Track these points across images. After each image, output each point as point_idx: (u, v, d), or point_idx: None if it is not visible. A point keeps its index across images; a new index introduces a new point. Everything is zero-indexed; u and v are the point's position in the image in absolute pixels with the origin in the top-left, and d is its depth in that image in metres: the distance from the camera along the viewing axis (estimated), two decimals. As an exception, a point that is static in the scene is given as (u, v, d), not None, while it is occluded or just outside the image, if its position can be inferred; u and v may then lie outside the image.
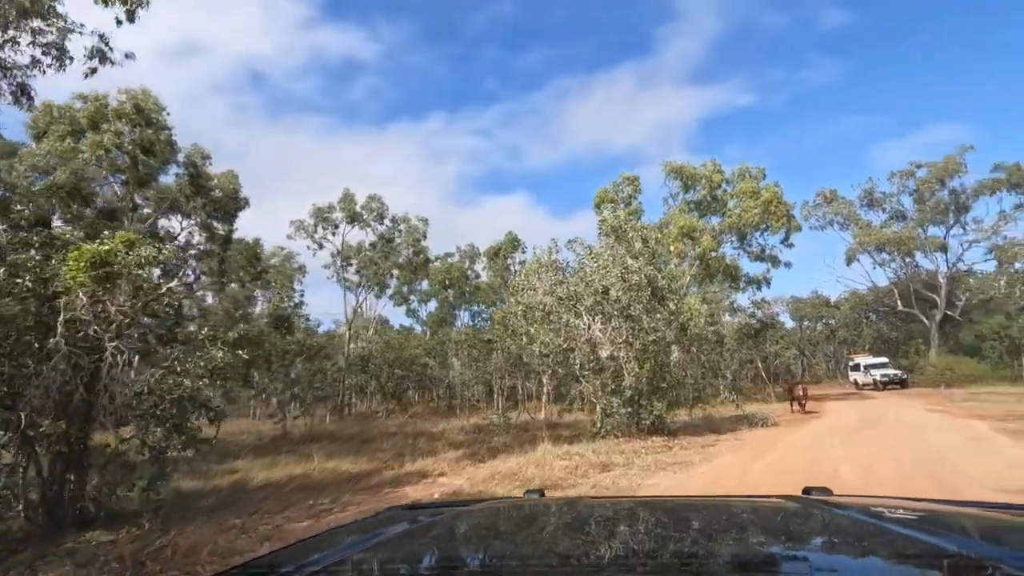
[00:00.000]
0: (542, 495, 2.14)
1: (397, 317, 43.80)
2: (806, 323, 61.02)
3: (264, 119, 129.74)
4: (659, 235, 16.07)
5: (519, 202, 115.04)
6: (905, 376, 37.52)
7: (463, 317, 41.89)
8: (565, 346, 13.98)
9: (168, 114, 19.08)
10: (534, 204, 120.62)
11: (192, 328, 16.90)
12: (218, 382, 17.39)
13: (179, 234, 23.14)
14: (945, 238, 37.16)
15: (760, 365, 31.59)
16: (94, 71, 11.44)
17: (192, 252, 23.39)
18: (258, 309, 23.92)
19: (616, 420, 14.17)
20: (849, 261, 39.26)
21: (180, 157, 21.23)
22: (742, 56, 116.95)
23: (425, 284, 39.95)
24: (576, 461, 11.24)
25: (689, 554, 1.20)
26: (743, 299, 34.20)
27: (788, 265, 27.82)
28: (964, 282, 40.50)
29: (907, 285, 41.12)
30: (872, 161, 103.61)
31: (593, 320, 13.62)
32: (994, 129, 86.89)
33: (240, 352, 8.95)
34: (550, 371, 15.47)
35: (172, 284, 8.26)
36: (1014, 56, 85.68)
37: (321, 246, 28.87)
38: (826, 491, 1.79)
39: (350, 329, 29.65)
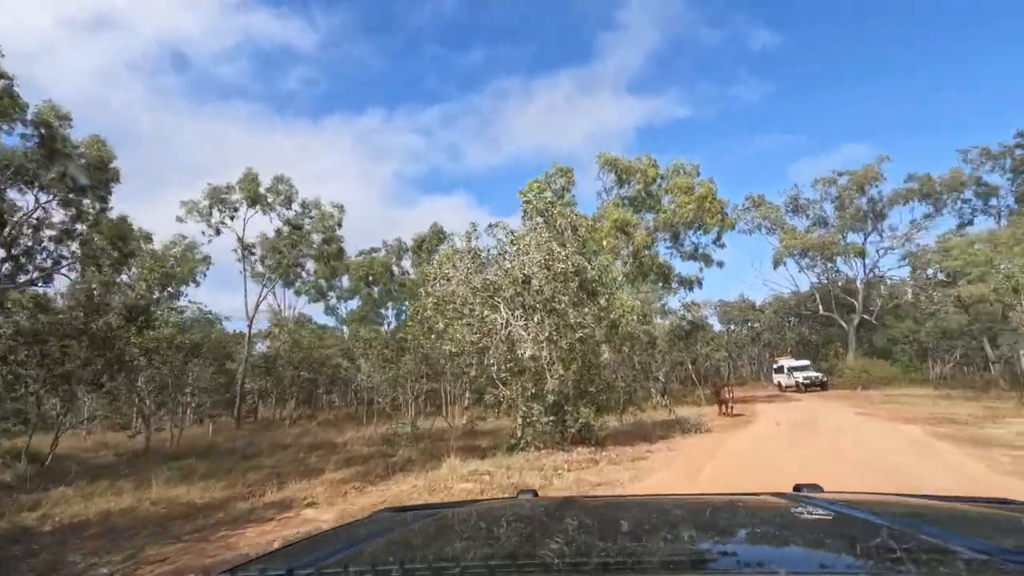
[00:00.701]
0: (535, 495, 2.11)
1: (325, 316, 40.63)
2: (732, 326, 62.39)
3: (188, 104, 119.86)
4: (589, 222, 14.39)
5: (460, 203, 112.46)
6: (825, 378, 38.29)
7: (390, 316, 39.17)
8: (480, 344, 11.93)
9: (2, 56, 15.43)
10: (475, 205, 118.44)
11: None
12: (61, 387, 14.14)
13: (33, 211, 19.28)
14: (864, 244, 38.46)
15: (691, 367, 30.90)
16: None
17: (51, 233, 19.63)
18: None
19: (538, 429, 12.27)
20: (776, 264, 39.94)
21: (29, 116, 17.51)
22: (678, 70, 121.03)
23: (347, 280, 36.99)
24: (483, 483, 9.24)
25: (681, 552, 1.20)
26: (674, 301, 33.64)
27: (720, 264, 27.29)
28: (878, 288, 42.07)
29: (828, 290, 42.25)
30: (794, 178, 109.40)
31: (512, 314, 11.65)
32: (902, 151, 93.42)
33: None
34: (464, 373, 13.38)
35: None
36: (919, 77, 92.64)
37: (218, 232, 25.42)
38: (817, 487, 1.83)
39: (251, 326, 26.30)
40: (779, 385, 41.74)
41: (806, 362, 41.39)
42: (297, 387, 25.20)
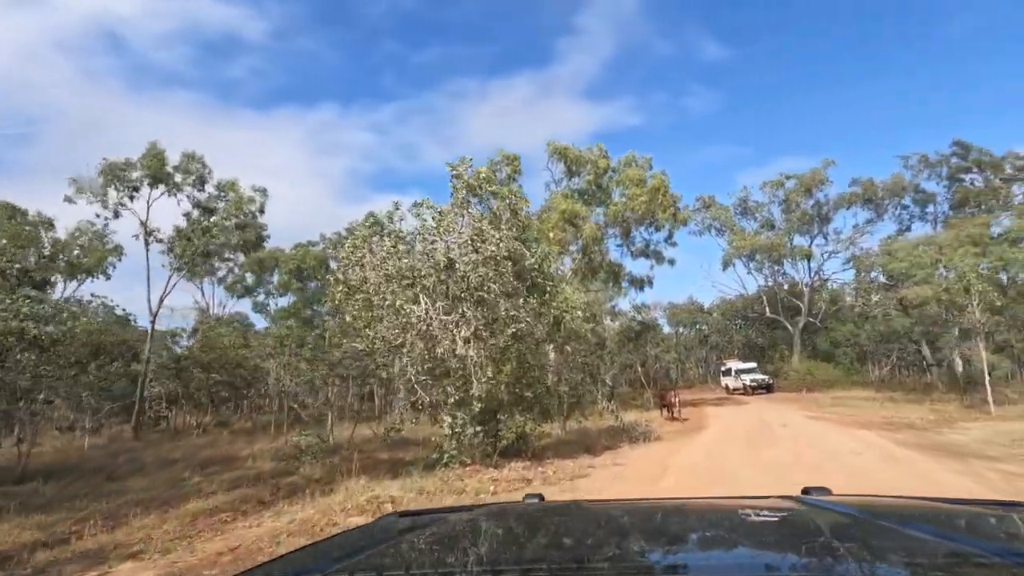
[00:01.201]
0: (542, 499, 2.04)
1: (255, 313, 37.17)
2: (681, 329, 62.45)
3: (124, 89, 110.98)
4: (528, 204, 12.68)
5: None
6: (771, 381, 38.15)
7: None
8: (396, 341, 9.95)
9: None
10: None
11: None
12: None
13: None
14: (810, 247, 38.60)
15: (640, 369, 29.78)
16: None
17: None
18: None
19: (464, 441, 10.40)
20: (725, 266, 39.66)
21: None
22: (632, 78, 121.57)
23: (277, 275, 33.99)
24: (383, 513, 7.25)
25: (690, 556, 1.19)
26: (625, 303, 32.59)
27: (672, 262, 26.23)
28: (823, 291, 42.49)
29: (775, 293, 42.36)
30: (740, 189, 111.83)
31: (433, 305, 9.71)
32: (846, 163, 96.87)
33: None
34: (375, 375, 11.37)
35: None
36: (862, 89, 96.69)
37: (117, 214, 22.23)
38: (825, 490, 1.80)
39: (154, 322, 23.23)
40: (726, 387, 41.46)
41: (753, 364, 41.27)
42: (207, 391, 22.31)
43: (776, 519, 1.59)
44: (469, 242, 9.84)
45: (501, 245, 10.15)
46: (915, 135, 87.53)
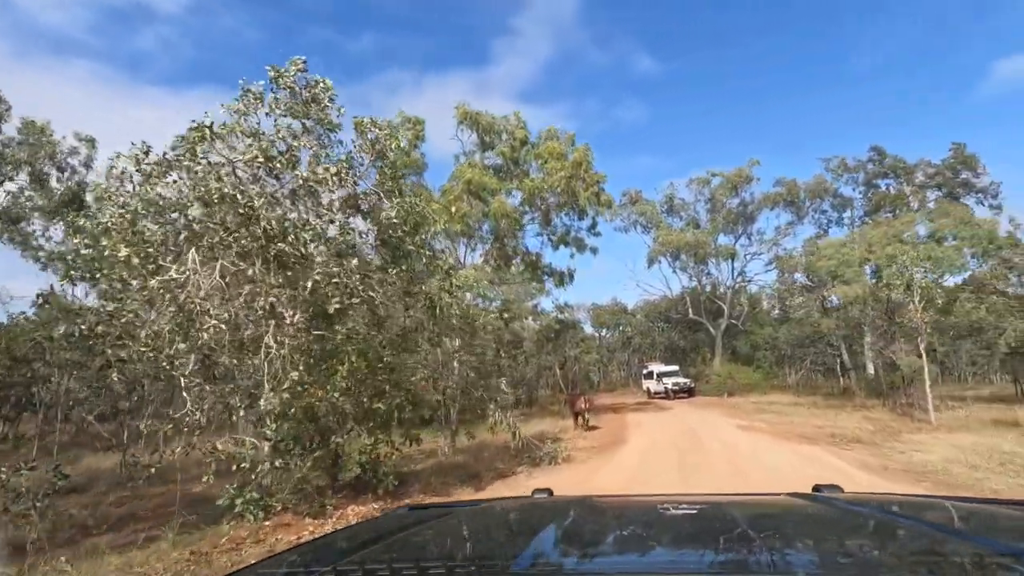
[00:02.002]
0: (550, 494, 2.07)
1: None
2: (605, 331, 61.00)
3: (8, 55, 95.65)
4: (396, 141, 9.16)
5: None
6: (693, 385, 36.73)
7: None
8: (129, 312, 6.07)
9: None
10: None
11: None
12: None
13: None
14: (734, 246, 37.60)
15: (559, 371, 26.93)
16: None
17: None
18: None
19: (263, 475, 6.68)
20: (650, 263, 37.88)
21: None
22: (567, 84, 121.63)
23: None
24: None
25: (703, 553, 1.18)
26: (547, 303, 29.75)
27: (595, 251, 23.49)
28: (745, 292, 41.82)
29: (698, 294, 41.19)
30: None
31: (198, 260, 5.90)
32: (769, 172, 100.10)
33: None
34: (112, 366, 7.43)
35: None
36: (788, 102, 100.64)
37: None
38: (837, 488, 1.79)
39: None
40: (648, 391, 39.78)
41: (675, 367, 39.81)
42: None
43: (790, 516, 1.56)
44: (263, 161, 6.14)
45: (329, 173, 6.51)
46: (839, 145, 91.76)
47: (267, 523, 6.78)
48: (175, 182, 6.48)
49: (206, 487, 7.82)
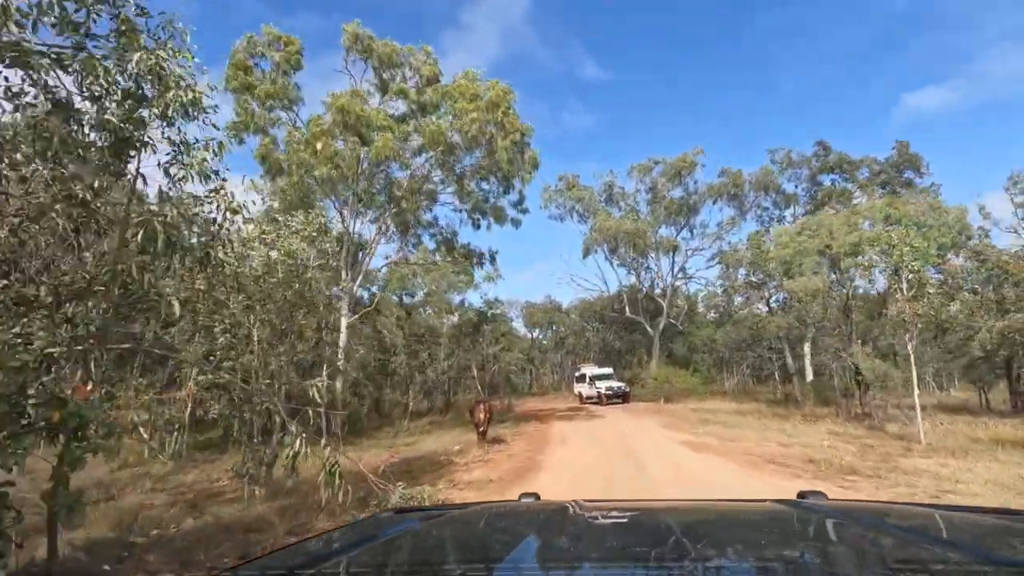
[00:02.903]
0: (537, 499, 2.04)
1: None
2: (538, 331, 57.48)
3: None
4: None
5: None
6: (627, 389, 33.60)
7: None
8: None
9: None
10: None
11: None
12: None
13: None
14: (676, 238, 34.66)
15: (476, 373, 22.72)
16: None
17: None
18: None
19: None
20: (586, 253, 34.46)
21: None
22: (514, 84, 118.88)
23: None
24: None
25: (688, 559, 1.18)
26: (475, 297, 25.60)
27: (516, 223, 19.42)
28: (684, 288, 39.30)
29: (636, 292, 38.19)
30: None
31: None
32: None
33: None
34: None
35: None
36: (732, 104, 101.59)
37: None
38: (821, 495, 1.80)
39: None
40: (580, 396, 36.39)
41: (608, 370, 36.62)
42: None
43: (774, 522, 1.56)
44: None
45: None
46: (788, 142, 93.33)
47: None
48: None
49: None
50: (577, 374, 38.46)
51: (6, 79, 4.42)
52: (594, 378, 34.85)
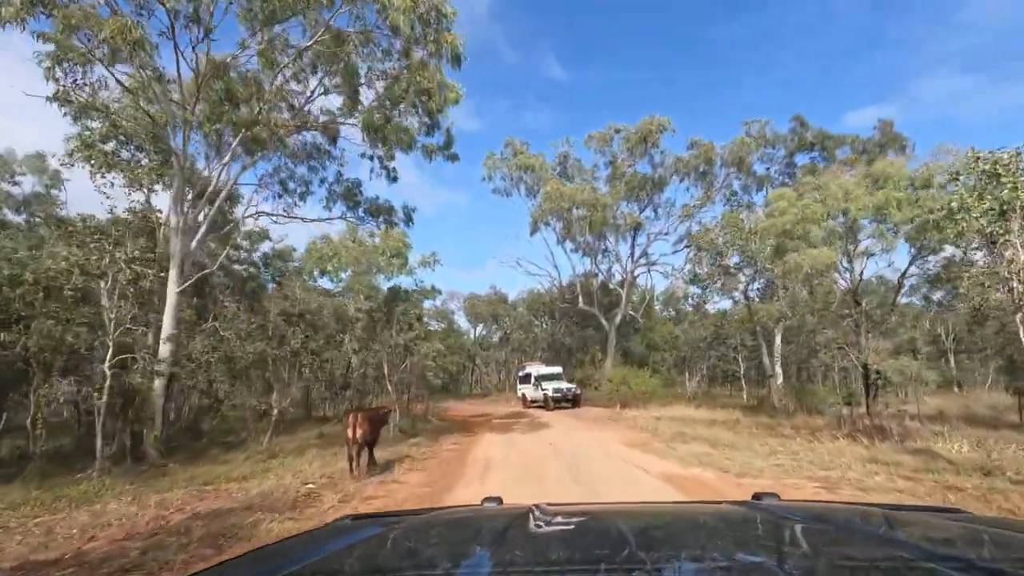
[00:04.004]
0: (500, 502, 2.10)
1: None
2: (481, 326, 52.38)
3: None
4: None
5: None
6: (578, 392, 29.07)
7: None
8: None
9: None
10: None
11: None
12: None
13: None
14: (639, 215, 30.17)
15: (387, 369, 17.41)
16: None
17: None
18: None
19: None
20: (534, 229, 29.59)
21: None
22: (475, 80, 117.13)
23: None
24: None
25: (645, 560, 1.20)
26: (409, 281, 20.25)
27: (453, 158, 14.28)
28: (640, 283, 35.06)
29: (592, 279, 33.59)
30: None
31: None
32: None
33: None
34: None
35: None
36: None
37: None
38: (774, 496, 1.87)
39: None
40: (523, 398, 31.64)
41: (557, 369, 32.01)
42: None
43: (730, 523, 1.62)
44: None
45: None
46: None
47: None
48: None
49: None
50: (521, 374, 33.68)
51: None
52: (541, 378, 30.14)
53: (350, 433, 9.97)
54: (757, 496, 1.86)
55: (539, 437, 16.23)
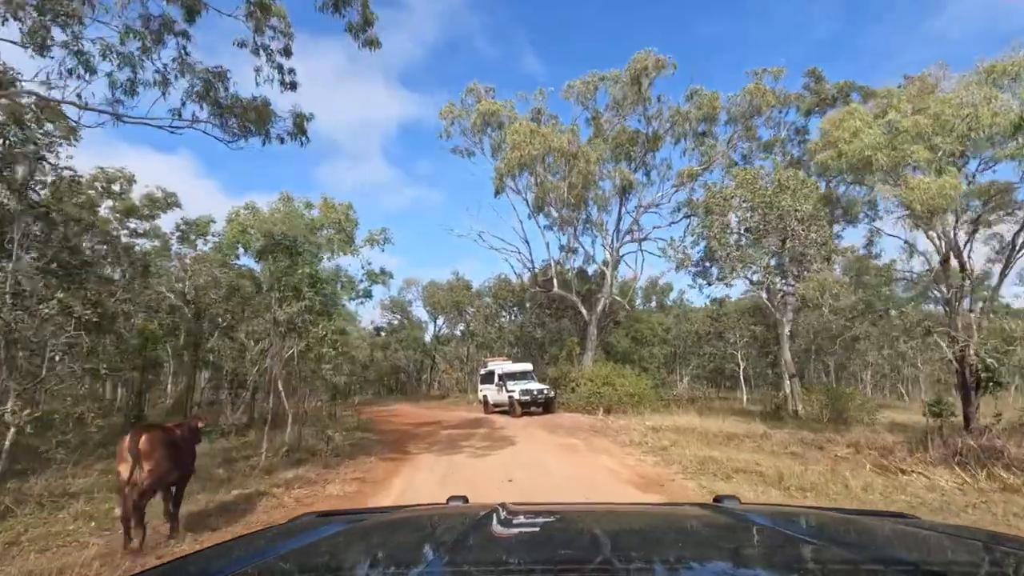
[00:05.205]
0: (466, 501, 2.09)
1: None
2: (441, 318, 46.95)
3: None
4: None
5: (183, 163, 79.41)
6: (551, 394, 23.96)
7: None
8: None
9: None
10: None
11: None
12: None
13: None
14: (630, 172, 24.94)
15: (269, 361, 11.89)
16: None
17: None
18: None
19: None
20: (499, 188, 24.27)
21: None
22: (450, 74, 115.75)
23: None
24: None
25: (608, 560, 1.22)
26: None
27: (373, 43, 9.48)
28: (626, 263, 30.12)
29: (568, 256, 28.43)
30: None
31: None
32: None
33: None
34: None
35: None
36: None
37: None
38: (735, 499, 1.88)
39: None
40: (485, 402, 26.44)
41: (526, 367, 26.86)
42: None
43: (691, 525, 1.63)
44: None
45: None
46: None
47: None
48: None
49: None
50: (483, 371, 28.43)
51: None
52: (506, 377, 24.94)
53: (123, 472, 5.34)
54: (718, 499, 1.90)
55: (496, 463, 11.00)
